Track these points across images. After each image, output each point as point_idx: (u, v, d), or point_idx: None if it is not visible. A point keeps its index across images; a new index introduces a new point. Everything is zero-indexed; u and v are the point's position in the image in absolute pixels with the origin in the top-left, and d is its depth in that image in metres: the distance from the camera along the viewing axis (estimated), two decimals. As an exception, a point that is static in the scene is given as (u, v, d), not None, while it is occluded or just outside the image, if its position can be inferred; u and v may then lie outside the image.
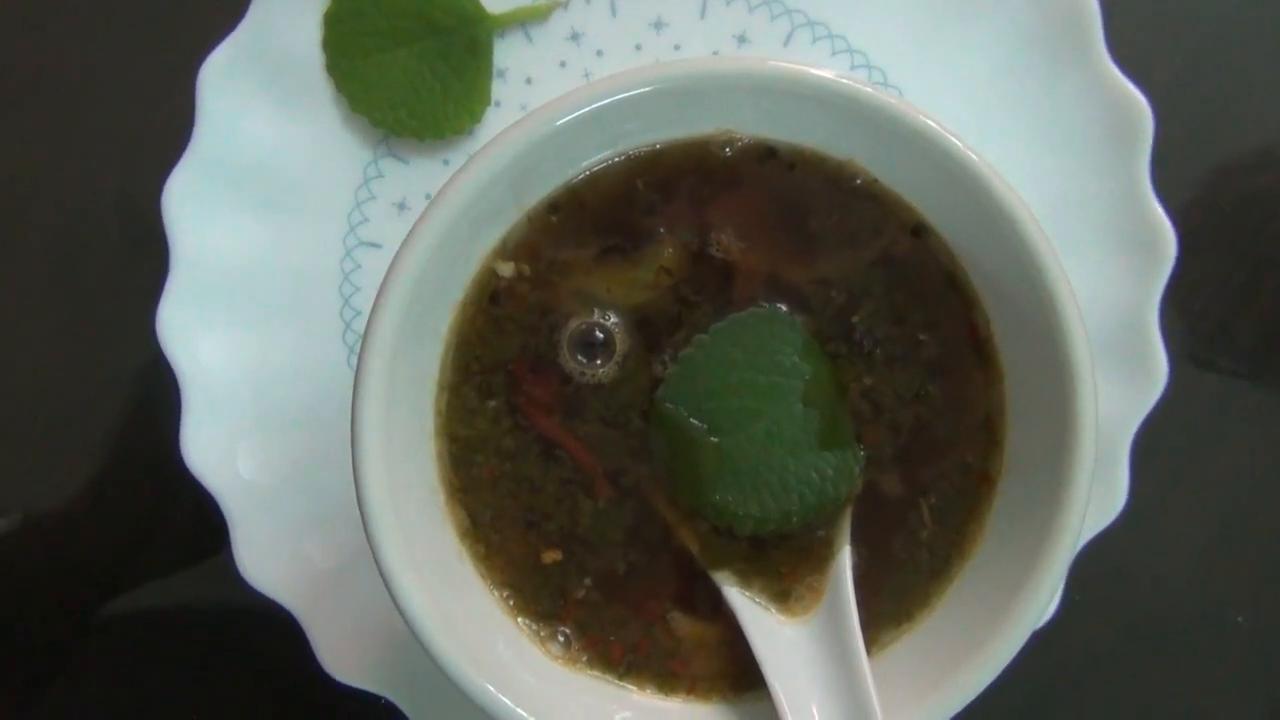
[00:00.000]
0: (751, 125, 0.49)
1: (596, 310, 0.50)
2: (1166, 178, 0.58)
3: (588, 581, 0.51)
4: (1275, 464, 0.69)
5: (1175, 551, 0.69)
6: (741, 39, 0.59)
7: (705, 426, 0.49)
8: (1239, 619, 0.69)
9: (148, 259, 0.59)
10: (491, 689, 0.46)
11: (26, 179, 0.66)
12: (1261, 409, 0.69)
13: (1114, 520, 0.58)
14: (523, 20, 0.59)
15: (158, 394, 0.61)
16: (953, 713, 0.47)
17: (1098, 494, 0.49)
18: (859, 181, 0.50)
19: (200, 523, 0.59)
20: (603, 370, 0.50)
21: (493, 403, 0.50)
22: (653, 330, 0.50)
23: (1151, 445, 0.59)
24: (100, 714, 0.68)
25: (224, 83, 0.57)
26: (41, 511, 0.66)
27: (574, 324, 0.50)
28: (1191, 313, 0.67)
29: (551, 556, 0.51)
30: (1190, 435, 0.68)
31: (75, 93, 0.66)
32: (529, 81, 0.60)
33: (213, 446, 0.57)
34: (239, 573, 0.58)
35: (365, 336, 0.46)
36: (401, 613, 0.46)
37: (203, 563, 0.66)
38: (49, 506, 0.66)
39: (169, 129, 0.59)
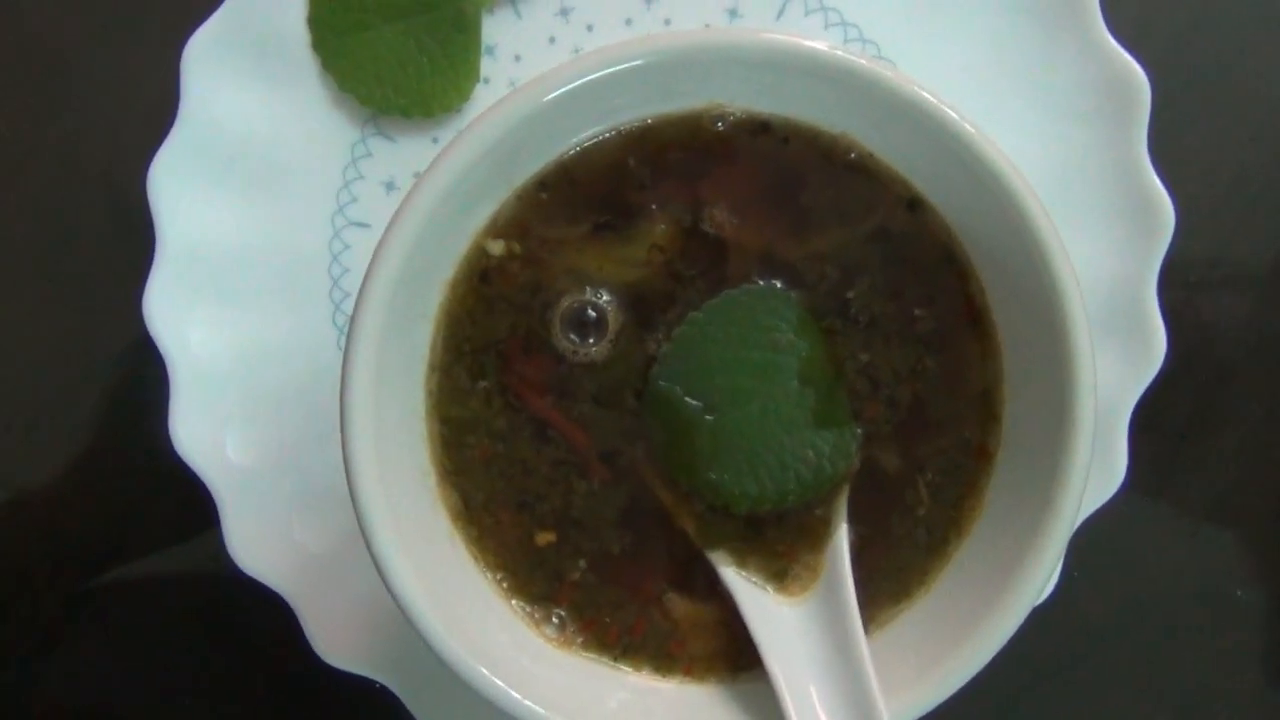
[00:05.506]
0: (744, 99, 0.48)
1: (589, 288, 0.49)
2: (1164, 149, 0.57)
3: (582, 563, 0.50)
4: (1274, 438, 0.68)
5: (1174, 527, 0.69)
6: (733, 13, 0.58)
7: (700, 405, 0.49)
8: (1238, 593, 0.69)
9: (134, 242, 0.59)
10: (486, 672, 0.45)
11: (9, 162, 0.65)
12: (1260, 382, 0.68)
13: (1113, 496, 0.58)
14: (511, -5, 0.58)
15: (146, 377, 0.60)
16: (952, 690, 0.46)
17: (1096, 470, 0.49)
18: (853, 155, 0.49)
19: (190, 507, 0.59)
20: (595, 349, 0.49)
21: (484, 383, 0.50)
22: (646, 308, 0.49)
23: (1150, 420, 0.58)
24: (92, 700, 0.68)
25: (208, 62, 0.56)
26: (30, 496, 0.66)
27: (566, 302, 0.49)
28: (1189, 285, 0.67)
29: (545, 538, 0.50)
30: (1189, 409, 0.68)
31: (57, 75, 0.65)
32: (518, 58, 0.59)
33: (201, 430, 0.57)
34: (230, 556, 0.57)
35: (353, 316, 0.45)
36: (394, 596, 0.45)
37: (193, 548, 0.65)
38: (37, 491, 0.66)
39: (153, 110, 0.58)
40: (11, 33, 0.65)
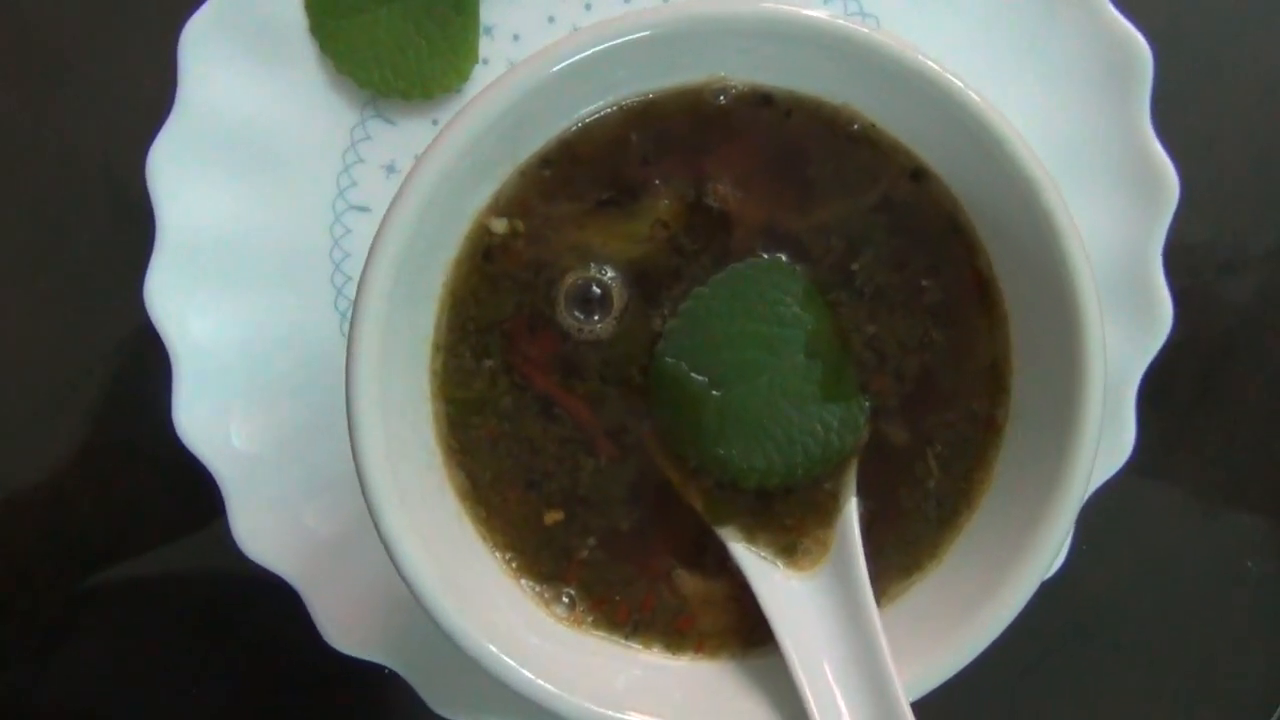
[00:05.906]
0: (746, 71, 0.48)
1: (593, 265, 0.49)
2: (1166, 119, 0.57)
3: (591, 541, 0.50)
4: (1283, 406, 0.68)
5: (1183, 497, 0.68)
6: (732, -12, 0.58)
7: (707, 380, 0.48)
8: (1248, 563, 0.68)
9: (134, 229, 0.58)
10: (496, 651, 0.45)
11: (7, 152, 0.65)
12: (1267, 351, 0.68)
13: (1121, 467, 0.58)
14: (508, -26, 0.57)
15: (148, 365, 0.60)
16: (966, 661, 0.46)
17: (1104, 441, 0.48)
18: (856, 126, 0.49)
19: (196, 494, 0.58)
20: (600, 326, 0.49)
21: (489, 362, 0.49)
22: (651, 284, 0.49)
23: (1158, 390, 0.58)
24: (100, 689, 0.68)
25: (206, 47, 0.56)
26: (34, 487, 0.66)
27: (570, 279, 0.49)
28: (1194, 254, 0.66)
29: (553, 517, 0.50)
30: (1196, 379, 0.67)
31: (54, 63, 0.65)
32: (516, 38, 0.59)
33: (205, 417, 0.57)
34: (236, 544, 0.57)
35: (356, 299, 0.45)
36: (403, 577, 0.45)
37: (199, 535, 0.65)
38: (41, 482, 0.65)
39: (151, 96, 0.58)
40: (9, 19, 0.65)
